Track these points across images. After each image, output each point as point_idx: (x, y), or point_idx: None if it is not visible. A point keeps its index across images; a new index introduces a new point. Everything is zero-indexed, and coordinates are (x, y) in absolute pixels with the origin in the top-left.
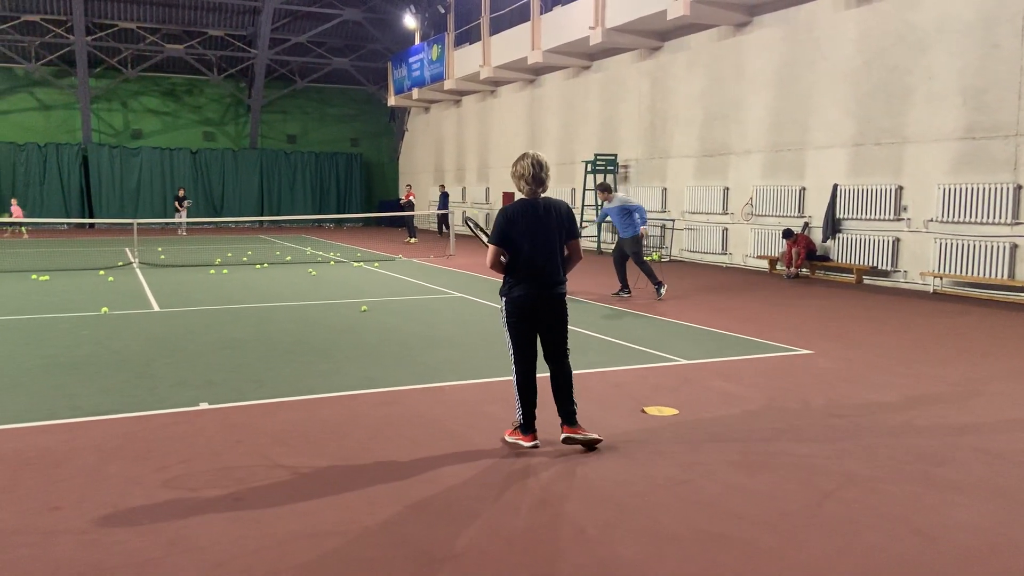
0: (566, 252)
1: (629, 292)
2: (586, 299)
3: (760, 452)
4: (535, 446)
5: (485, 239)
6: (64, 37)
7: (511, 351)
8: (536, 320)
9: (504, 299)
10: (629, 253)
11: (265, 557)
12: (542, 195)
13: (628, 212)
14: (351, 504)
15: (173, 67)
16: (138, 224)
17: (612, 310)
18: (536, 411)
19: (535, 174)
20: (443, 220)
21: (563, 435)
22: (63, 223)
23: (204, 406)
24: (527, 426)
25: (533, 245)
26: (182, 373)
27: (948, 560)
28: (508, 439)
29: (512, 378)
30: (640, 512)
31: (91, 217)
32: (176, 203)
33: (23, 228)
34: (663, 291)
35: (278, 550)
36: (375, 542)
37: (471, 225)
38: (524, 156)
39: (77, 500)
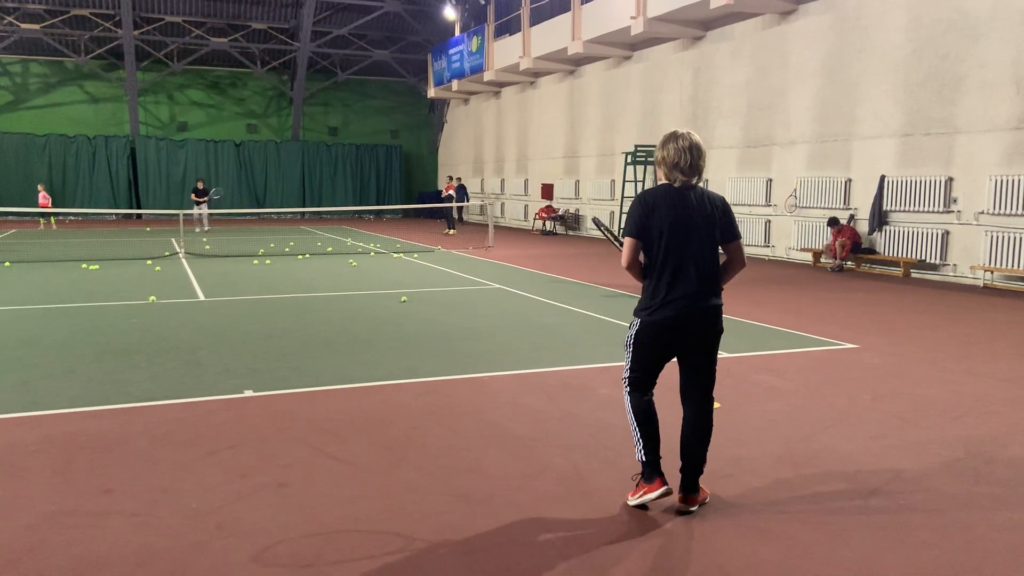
0: (723, 257)
1: None
2: (622, 291)
3: (805, 448)
4: (666, 492)
5: (615, 242)
6: (112, 31)
7: (627, 374)
8: (676, 343)
9: (641, 320)
10: None
11: (311, 544)
12: (695, 185)
13: None
14: (394, 493)
15: (217, 60)
16: (187, 215)
17: None
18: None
19: (684, 160)
20: (459, 212)
21: (677, 505)
22: (97, 213)
23: (249, 393)
24: (652, 471)
25: (681, 245)
26: (227, 361)
27: (997, 559)
28: (632, 501)
29: (627, 411)
30: (673, 503)
31: (138, 208)
32: (193, 195)
33: (52, 219)
34: None
35: (324, 537)
36: (417, 532)
37: (601, 228)
38: (674, 137)
39: (128, 483)
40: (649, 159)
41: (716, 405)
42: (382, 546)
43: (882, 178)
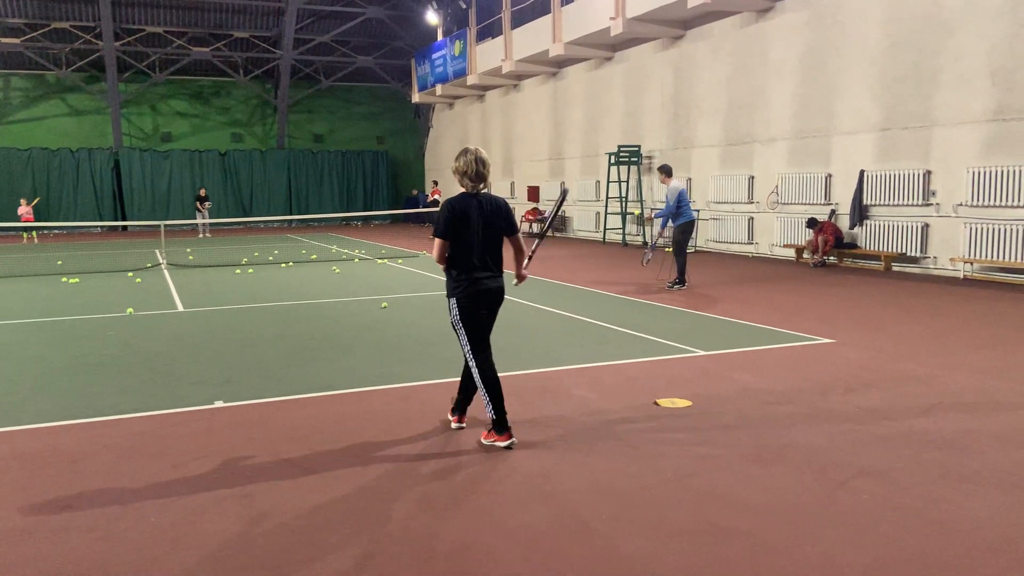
0: (510, 247)
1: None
2: (608, 291)
3: (774, 444)
4: (511, 445)
5: (549, 223)
6: (93, 43)
7: (467, 347)
8: (481, 314)
9: (453, 299)
10: (672, 241)
11: (269, 555)
12: (483, 191)
13: (678, 200)
14: (360, 500)
15: (200, 70)
16: (168, 226)
17: (632, 302)
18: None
19: (477, 171)
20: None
21: (454, 424)
22: (82, 226)
23: (219, 404)
24: (501, 424)
25: (478, 239)
26: (201, 372)
27: (962, 552)
28: (485, 441)
29: (476, 378)
30: (647, 506)
31: (124, 220)
32: (197, 203)
33: (33, 233)
34: (679, 288)
35: (283, 546)
36: (381, 537)
37: (557, 206)
38: (466, 152)
39: (90, 499)
40: (633, 159)
41: (687, 403)
42: (345, 555)
43: (861, 173)
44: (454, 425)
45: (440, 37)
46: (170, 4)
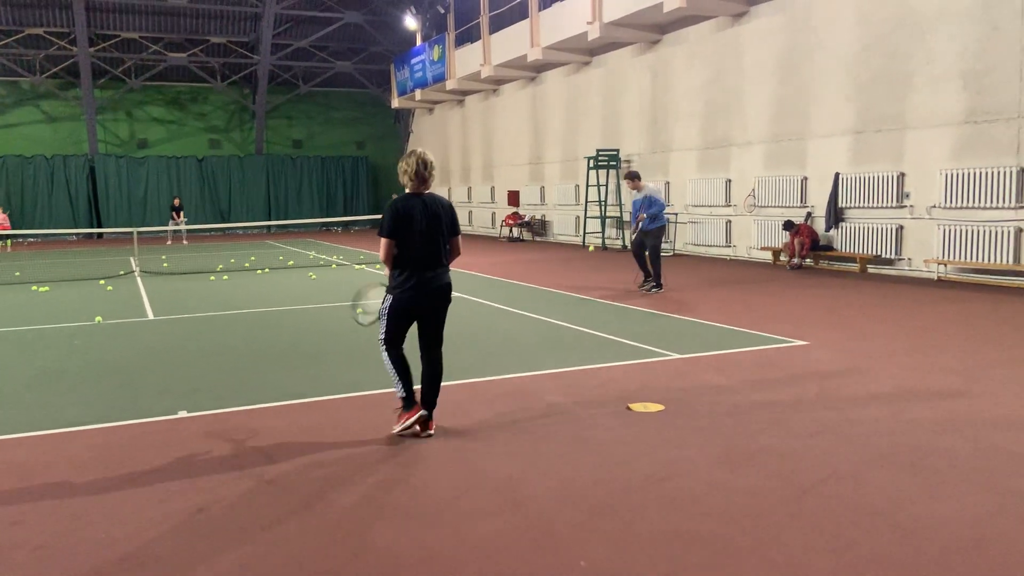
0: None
1: (657, 285)
2: (586, 296)
3: (744, 447)
4: (421, 416)
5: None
6: (67, 49)
7: (384, 336)
8: (418, 314)
9: (390, 295)
10: (648, 245)
11: (216, 565)
12: (426, 192)
13: (651, 204)
14: (321, 513)
15: (177, 76)
16: (143, 232)
17: (610, 306)
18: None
19: (418, 171)
20: None
21: (420, 413)
22: (58, 234)
23: (183, 414)
24: (410, 402)
25: (419, 239)
26: (167, 381)
27: (928, 556)
28: (398, 428)
29: (386, 363)
30: (613, 512)
31: (99, 227)
32: (172, 212)
33: (8, 241)
34: (656, 291)
35: (234, 565)
36: (343, 553)
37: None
38: (411, 154)
39: (41, 514)
40: (611, 163)
41: (659, 407)
42: (298, 568)
43: (836, 175)
44: (413, 419)
45: (419, 42)
46: (145, 10)
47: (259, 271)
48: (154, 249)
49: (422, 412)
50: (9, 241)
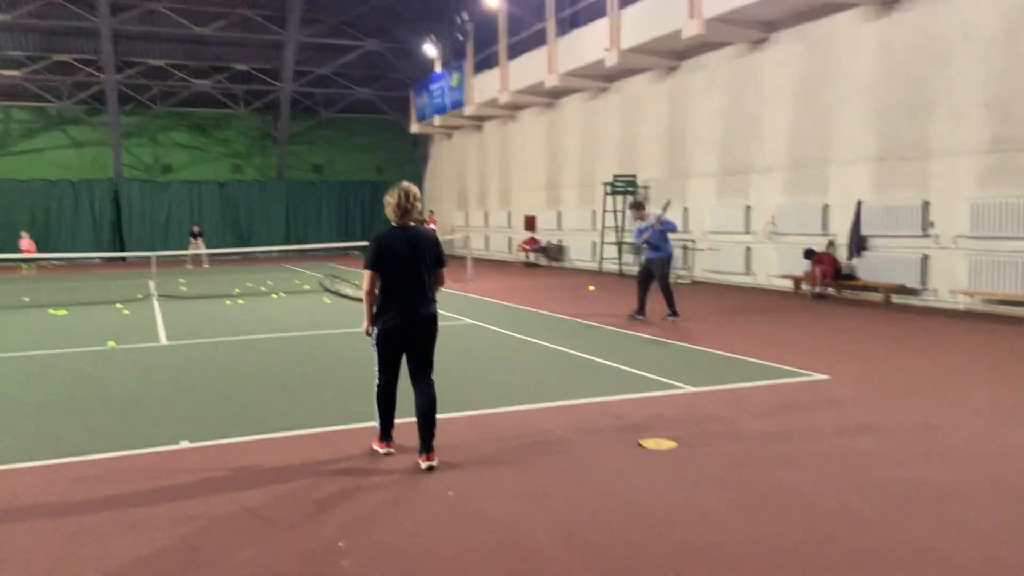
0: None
1: (643, 315)
2: (601, 323)
3: (759, 489)
4: (388, 453)
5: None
6: (94, 76)
7: (376, 367)
8: (405, 344)
9: (375, 327)
10: (656, 274)
11: None
12: (410, 224)
13: (661, 232)
14: (314, 554)
15: (201, 102)
16: (162, 256)
17: (625, 335)
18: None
19: (400, 202)
20: None
21: (424, 464)
22: (79, 257)
23: (184, 444)
24: (384, 433)
25: (403, 271)
26: (170, 410)
27: None
28: (374, 446)
29: (374, 392)
30: (620, 559)
31: (122, 251)
32: (191, 237)
33: (31, 265)
34: (673, 320)
35: None
36: None
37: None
38: (398, 186)
39: (27, 551)
40: (629, 188)
41: (672, 444)
42: None
43: (859, 203)
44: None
45: (438, 69)
46: (171, 37)
47: (274, 295)
48: (174, 272)
49: (390, 450)
50: (33, 264)
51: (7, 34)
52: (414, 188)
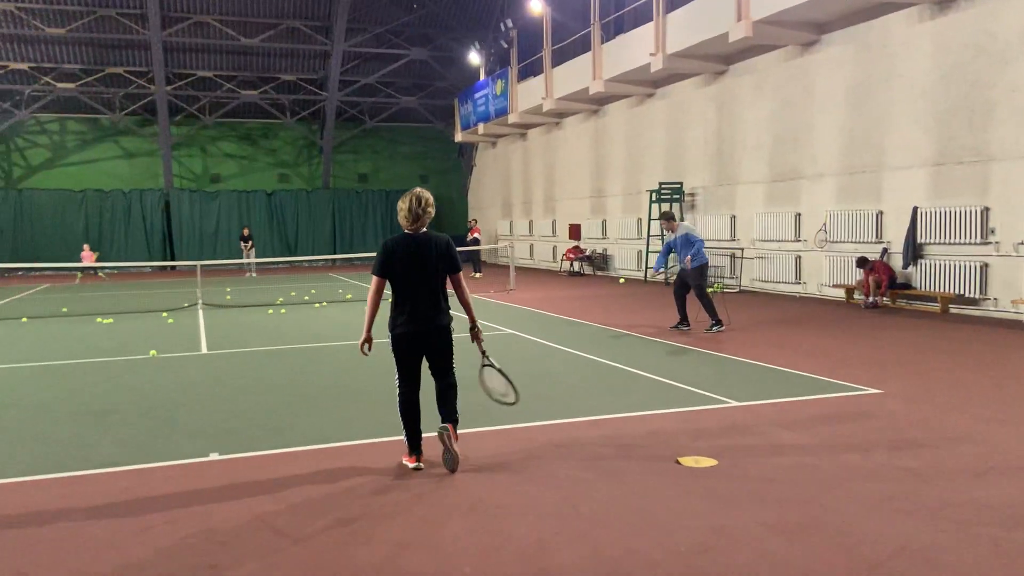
0: (450, 286)
1: (688, 325)
2: (640, 334)
3: (803, 513)
4: (417, 468)
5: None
6: (145, 87)
7: (396, 375)
8: (421, 351)
9: (391, 334)
10: (692, 285)
11: None
12: (422, 230)
13: (691, 243)
14: (337, 573)
15: (248, 112)
16: (211, 265)
17: (667, 345)
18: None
19: (411, 208)
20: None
21: (439, 427)
22: (132, 266)
23: (214, 456)
24: (413, 449)
25: (411, 277)
26: (203, 420)
27: None
28: (404, 460)
29: (398, 404)
30: None
31: (172, 259)
32: (242, 242)
33: (103, 272)
34: (717, 330)
35: None
36: None
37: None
38: (409, 192)
39: (47, 565)
40: (675, 196)
41: (712, 462)
42: None
43: (915, 210)
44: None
45: (482, 77)
46: (220, 49)
47: (317, 304)
48: (224, 281)
49: (416, 465)
50: (103, 272)
51: (62, 47)
52: (426, 194)
